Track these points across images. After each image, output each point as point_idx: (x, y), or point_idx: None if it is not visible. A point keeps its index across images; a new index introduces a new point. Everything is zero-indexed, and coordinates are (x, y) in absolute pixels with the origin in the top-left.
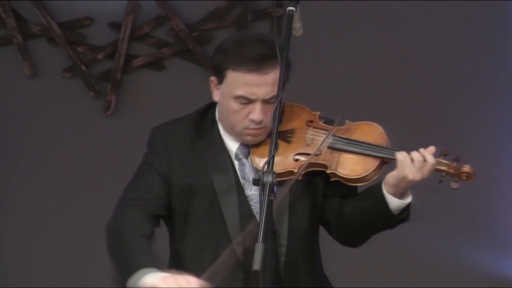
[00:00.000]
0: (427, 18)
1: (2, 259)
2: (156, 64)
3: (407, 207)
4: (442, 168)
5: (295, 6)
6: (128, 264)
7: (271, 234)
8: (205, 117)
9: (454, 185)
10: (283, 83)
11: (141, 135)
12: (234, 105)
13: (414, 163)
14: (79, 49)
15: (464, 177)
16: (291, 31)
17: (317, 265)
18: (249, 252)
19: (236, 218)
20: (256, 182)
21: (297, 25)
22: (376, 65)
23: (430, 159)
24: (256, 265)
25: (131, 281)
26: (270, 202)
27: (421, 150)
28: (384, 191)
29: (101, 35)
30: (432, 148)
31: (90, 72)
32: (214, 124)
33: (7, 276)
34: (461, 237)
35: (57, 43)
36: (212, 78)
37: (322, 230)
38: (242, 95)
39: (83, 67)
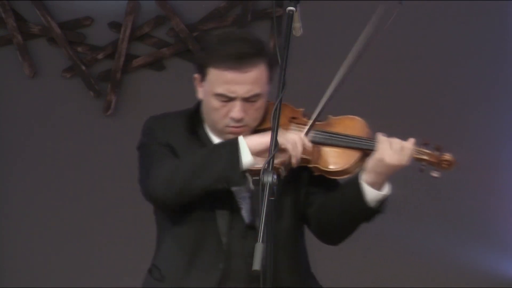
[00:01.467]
0: (427, 18)
1: (2, 259)
2: (156, 64)
3: (385, 200)
4: (423, 157)
5: (295, 6)
6: (216, 155)
7: (271, 235)
8: (196, 115)
9: (435, 173)
10: (283, 83)
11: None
12: (215, 102)
13: (392, 145)
14: (79, 49)
15: (444, 165)
16: (291, 31)
17: (302, 262)
18: (233, 244)
19: (224, 211)
20: (256, 182)
21: (297, 25)
22: (376, 65)
23: (408, 144)
24: (256, 265)
25: (241, 158)
26: (270, 202)
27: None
28: (361, 180)
29: (101, 35)
30: (412, 140)
31: (90, 72)
32: (201, 121)
33: (7, 276)
34: (461, 237)
35: (57, 43)
36: (196, 75)
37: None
38: (222, 93)
39: (83, 67)
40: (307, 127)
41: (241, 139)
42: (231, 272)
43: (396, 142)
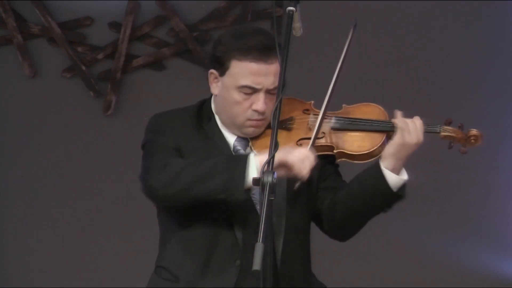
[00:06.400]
0: (427, 18)
1: (2, 259)
2: (156, 64)
3: (404, 185)
4: (450, 134)
5: (295, 6)
6: (223, 167)
7: (271, 234)
8: (201, 111)
9: (462, 150)
10: (283, 83)
11: (141, 135)
12: (237, 95)
13: (409, 125)
14: (79, 49)
15: (472, 141)
16: (291, 31)
17: (309, 260)
18: (249, 240)
19: (238, 206)
20: (256, 182)
21: (297, 25)
22: (376, 64)
23: (418, 120)
24: (256, 265)
25: (247, 173)
26: (270, 202)
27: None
28: (383, 167)
29: (101, 35)
30: (416, 117)
31: (90, 72)
32: (210, 117)
33: (7, 276)
34: (461, 237)
35: (57, 43)
36: (212, 70)
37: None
38: (248, 85)
39: (83, 67)
40: (325, 119)
41: (252, 157)
42: (248, 268)
43: (410, 120)
